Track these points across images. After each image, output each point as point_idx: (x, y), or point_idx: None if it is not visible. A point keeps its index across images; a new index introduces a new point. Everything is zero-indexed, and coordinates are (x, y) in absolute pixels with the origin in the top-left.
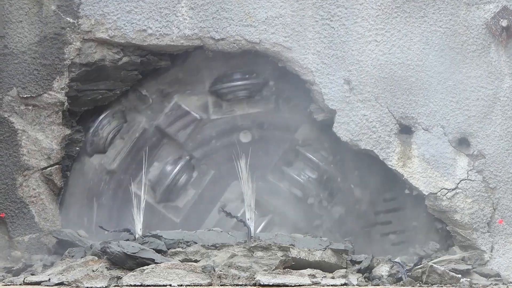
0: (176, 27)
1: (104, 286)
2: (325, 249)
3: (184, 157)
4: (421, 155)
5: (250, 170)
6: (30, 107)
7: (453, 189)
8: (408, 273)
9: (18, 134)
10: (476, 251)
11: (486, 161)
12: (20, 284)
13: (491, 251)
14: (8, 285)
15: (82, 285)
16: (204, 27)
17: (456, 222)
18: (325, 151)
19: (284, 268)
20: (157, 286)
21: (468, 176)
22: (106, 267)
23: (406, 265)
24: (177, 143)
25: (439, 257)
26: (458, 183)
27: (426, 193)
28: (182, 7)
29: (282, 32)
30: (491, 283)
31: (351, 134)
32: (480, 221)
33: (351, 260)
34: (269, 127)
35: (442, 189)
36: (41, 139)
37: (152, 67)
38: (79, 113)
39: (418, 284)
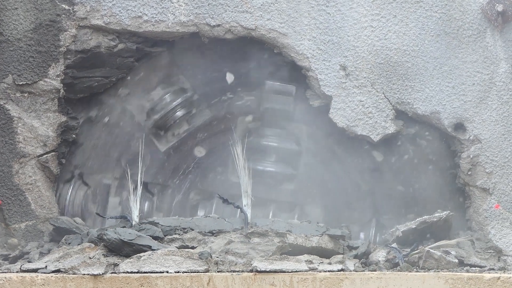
0: (172, 14)
1: (101, 273)
2: (322, 234)
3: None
4: None
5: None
6: (25, 94)
7: None
8: (404, 258)
9: (14, 121)
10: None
11: (482, 146)
12: (17, 272)
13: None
14: (5, 272)
15: (79, 272)
16: (200, 13)
17: None
18: None
19: (281, 254)
20: (154, 272)
21: None
22: (103, 254)
23: (403, 250)
24: None
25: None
26: None
27: None
28: None
29: (277, 18)
30: (488, 267)
31: (347, 120)
32: None
33: (348, 246)
34: None
35: None
36: (37, 126)
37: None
38: (75, 100)
39: (415, 269)
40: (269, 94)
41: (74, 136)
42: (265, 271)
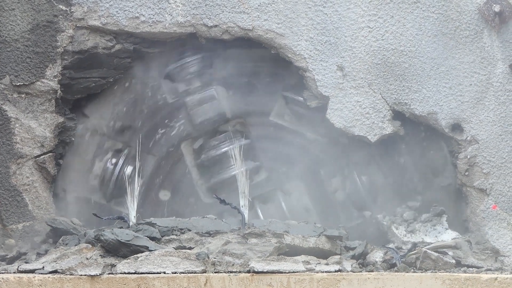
0: (169, 14)
1: (98, 274)
2: (319, 235)
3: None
4: None
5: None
6: (23, 95)
7: None
8: (402, 259)
9: (11, 122)
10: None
11: (480, 146)
12: (14, 272)
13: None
14: (2, 273)
15: (76, 273)
16: (197, 14)
17: None
18: None
19: (278, 255)
20: (151, 273)
21: None
22: (100, 255)
23: (400, 250)
24: None
25: (433, 243)
26: None
27: None
28: None
29: (275, 19)
30: (485, 268)
31: (344, 120)
32: None
33: (345, 246)
34: None
35: None
36: (34, 127)
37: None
38: (72, 101)
39: (412, 270)
40: (195, 109)
41: (71, 137)
42: (262, 272)
